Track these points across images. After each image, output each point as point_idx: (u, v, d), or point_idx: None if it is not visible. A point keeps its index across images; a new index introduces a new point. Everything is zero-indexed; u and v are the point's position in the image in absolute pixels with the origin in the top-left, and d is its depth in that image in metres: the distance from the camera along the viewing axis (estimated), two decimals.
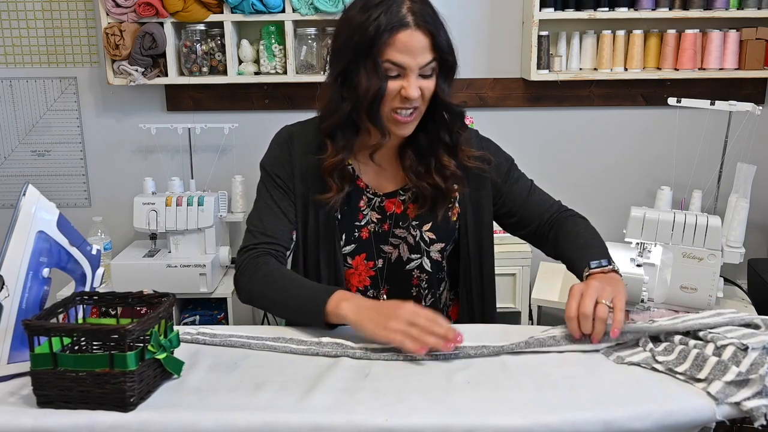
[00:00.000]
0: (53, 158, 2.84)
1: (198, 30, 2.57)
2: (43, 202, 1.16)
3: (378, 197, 1.49)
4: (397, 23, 1.29)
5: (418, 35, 1.30)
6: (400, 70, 1.32)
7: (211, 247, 2.51)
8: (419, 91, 1.34)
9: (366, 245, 1.49)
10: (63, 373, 1.01)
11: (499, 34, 2.73)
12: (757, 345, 1.07)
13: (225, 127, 2.62)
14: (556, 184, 2.90)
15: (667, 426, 1.00)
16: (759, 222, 2.79)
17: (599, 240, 1.48)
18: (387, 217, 1.49)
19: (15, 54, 2.75)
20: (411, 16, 1.30)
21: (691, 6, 2.54)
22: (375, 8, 1.31)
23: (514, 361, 1.16)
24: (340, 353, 1.19)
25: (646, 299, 2.09)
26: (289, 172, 1.46)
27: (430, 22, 1.32)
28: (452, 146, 1.45)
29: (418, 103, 1.36)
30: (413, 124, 1.39)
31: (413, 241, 1.49)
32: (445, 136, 1.44)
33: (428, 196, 1.46)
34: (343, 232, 1.48)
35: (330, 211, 1.45)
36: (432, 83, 1.36)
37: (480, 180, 1.51)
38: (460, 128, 1.45)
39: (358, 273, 1.50)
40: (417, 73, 1.33)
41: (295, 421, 0.99)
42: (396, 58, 1.31)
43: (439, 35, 1.32)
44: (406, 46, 1.30)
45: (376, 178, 1.49)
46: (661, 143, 2.76)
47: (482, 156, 1.49)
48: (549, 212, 1.56)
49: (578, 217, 1.57)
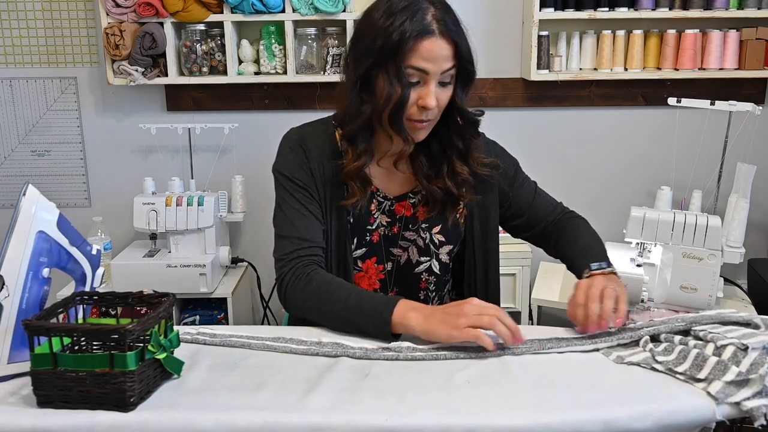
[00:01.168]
0: (53, 158, 2.83)
1: (198, 30, 2.57)
2: (43, 202, 1.16)
3: (388, 200, 1.49)
4: (423, 30, 1.29)
5: (442, 43, 1.31)
6: (421, 76, 1.32)
7: (211, 247, 2.51)
8: (436, 101, 1.34)
9: (376, 249, 1.49)
10: (63, 373, 1.01)
11: (499, 34, 2.73)
12: (757, 345, 1.08)
13: (225, 127, 2.61)
14: (556, 184, 2.90)
15: (667, 426, 1.00)
16: (759, 222, 2.79)
17: (599, 242, 1.50)
18: (396, 220, 1.49)
19: (15, 54, 2.75)
20: (436, 24, 1.30)
21: (691, 6, 2.54)
22: (400, 13, 1.30)
23: (514, 361, 1.16)
24: (340, 353, 1.19)
25: (646, 299, 2.09)
26: (308, 175, 1.43)
27: (454, 31, 1.32)
28: (464, 152, 1.45)
29: (435, 112, 1.36)
30: (427, 130, 1.40)
31: (423, 244, 1.50)
32: (458, 143, 1.44)
33: (438, 199, 1.46)
34: (354, 236, 1.47)
35: (342, 214, 1.45)
36: (449, 91, 1.36)
37: (487, 184, 1.51)
38: (473, 135, 1.46)
39: (368, 276, 1.50)
40: (437, 80, 1.33)
41: (295, 421, 0.99)
42: (419, 64, 1.30)
43: (462, 44, 1.33)
44: (431, 54, 1.30)
45: (385, 182, 1.49)
46: (661, 143, 2.76)
47: (492, 163, 1.50)
48: (553, 214, 1.59)
49: (579, 218, 1.59)
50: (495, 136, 1.60)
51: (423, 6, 1.31)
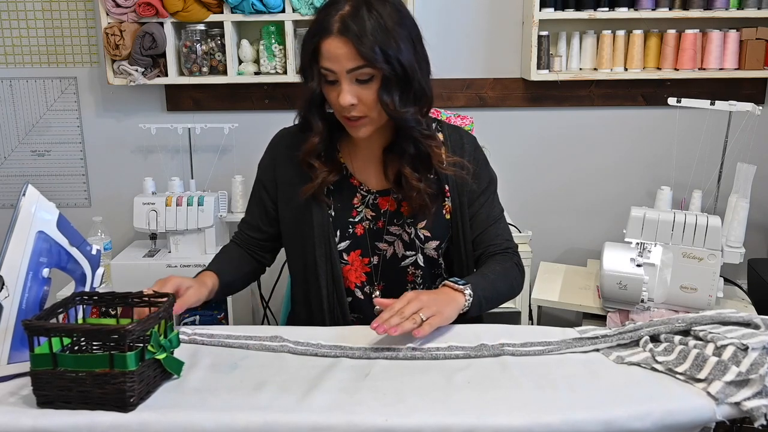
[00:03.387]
0: (53, 158, 2.83)
1: (198, 30, 2.57)
2: (43, 202, 1.16)
3: (371, 195, 1.51)
4: (321, 30, 1.34)
5: (338, 42, 1.32)
6: (334, 75, 1.34)
7: (211, 247, 2.51)
8: (353, 99, 1.35)
9: (361, 242, 1.51)
10: (63, 373, 1.01)
11: (499, 34, 2.73)
12: (757, 345, 1.08)
13: (225, 127, 2.61)
14: (557, 184, 2.91)
15: (667, 426, 1.00)
16: (759, 222, 2.79)
17: (493, 279, 1.43)
18: (381, 215, 1.51)
19: (15, 54, 2.75)
20: (338, 23, 1.32)
21: (691, 6, 2.54)
22: (318, 14, 1.36)
23: (514, 361, 1.16)
24: (339, 354, 1.19)
25: (646, 299, 2.09)
26: (271, 178, 1.55)
27: (355, 30, 1.31)
28: (418, 157, 1.44)
29: (358, 110, 1.37)
30: (366, 128, 1.40)
31: (408, 239, 1.50)
32: (409, 147, 1.43)
33: (413, 198, 1.46)
34: (337, 229, 1.50)
35: (323, 208, 1.48)
36: (370, 91, 1.36)
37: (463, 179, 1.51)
38: (423, 139, 1.43)
39: (355, 269, 1.52)
40: (349, 79, 1.34)
41: (295, 421, 0.99)
42: (324, 63, 1.34)
43: (364, 44, 1.31)
44: (329, 53, 1.33)
45: (369, 177, 1.52)
46: (661, 143, 2.76)
47: (458, 162, 1.49)
48: (499, 247, 1.53)
49: (510, 261, 1.52)
50: (495, 136, 1.60)
51: (338, 6, 1.33)
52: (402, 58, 1.34)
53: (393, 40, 1.33)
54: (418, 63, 1.38)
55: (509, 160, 2.72)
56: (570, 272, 2.57)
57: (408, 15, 1.40)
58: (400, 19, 1.36)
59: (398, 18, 1.35)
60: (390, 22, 1.33)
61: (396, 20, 1.35)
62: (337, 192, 1.51)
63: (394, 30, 1.34)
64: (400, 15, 1.36)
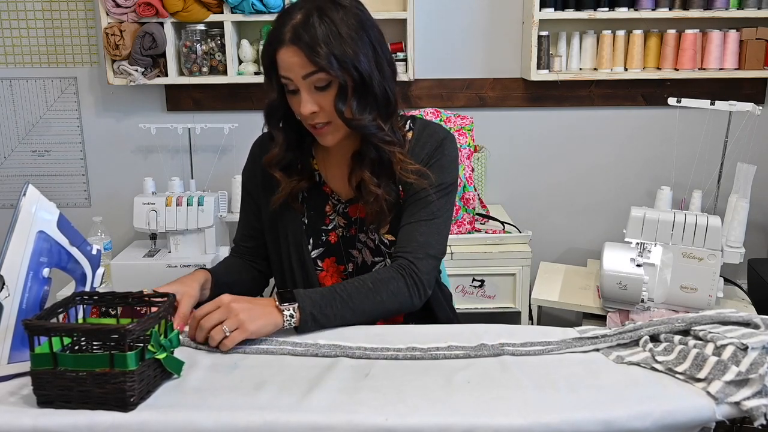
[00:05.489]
0: (53, 158, 2.84)
1: (198, 30, 2.57)
2: (44, 202, 1.16)
3: (342, 203, 1.51)
4: (275, 41, 1.34)
5: (290, 51, 1.31)
6: (293, 84, 1.34)
7: (211, 247, 2.51)
8: (313, 107, 1.34)
9: (334, 249, 1.51)
10: (63, 373, 1.01)
11: (499, 34, 2.73)
12: (756, 345, 1.07)
13: (225, 127, 2.62)
14: (557, 184, 2.91)
15: (667, 426, 1.00)
16: (759, 222, 2.79)
17: (348, 294, 1.32)
18: (352, 223, 1.51)
19: (15, 54, 2.75)
20: (289, 33, 1.31)
21: (691, 6, 2.54)
22: (274, 24, 1.37)
23: (514, 361, 1.16)
24: (339, 354, 1.19)
25: (646, 299, 2.10)
26: (254, 183, 1.56)
27: (306, 39, 1.30)
28: (379, 162, 1.41)
29: (321, 117, 1.36)
30: (332, 135, 1.39)
31: (373, 245, 1.50)
32: (371, 152, 1.40)
33: (369, 203, 1.43)
34: (310, 236, 1.51)
35: (296, 216, 1.49)
36: (327, 97, 1.34)
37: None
38: (384, 145, 1.39)
39: (330, 275, 1.52)
40: (307, 87, 1.33)
41: (295, 421, 0.98)
42: (281, 72, 1.34)
43: (315, 51, 1.29)
44: (284, 62, 1.33)
45: (340, 185, 1.51)
46: (661, 143, 2.77)
47: (419, 171, 1.42)
48: (403, 250, 1.42)
49: (395, 272, 1.39)
50: (495, 136, 1.60)
51: (291, 15, 1.33)
52: (358, 64, 1.32)
53: (347, 47, 1.31)
54: (378, 68, 1.35)
55: (509, 160, 2.72)
56: (570, 272, 2.57)
57: (368, 20, 1.36)
58: (358, 24, 1.33)
59: (355, 24, 1.33)
60: (344, 29, 1.31)
61: (352, 26, 1.32)
62: (311, 199, 1.51)
63: (350, 36, 1.31)
64: (357, 20, 1.33)
